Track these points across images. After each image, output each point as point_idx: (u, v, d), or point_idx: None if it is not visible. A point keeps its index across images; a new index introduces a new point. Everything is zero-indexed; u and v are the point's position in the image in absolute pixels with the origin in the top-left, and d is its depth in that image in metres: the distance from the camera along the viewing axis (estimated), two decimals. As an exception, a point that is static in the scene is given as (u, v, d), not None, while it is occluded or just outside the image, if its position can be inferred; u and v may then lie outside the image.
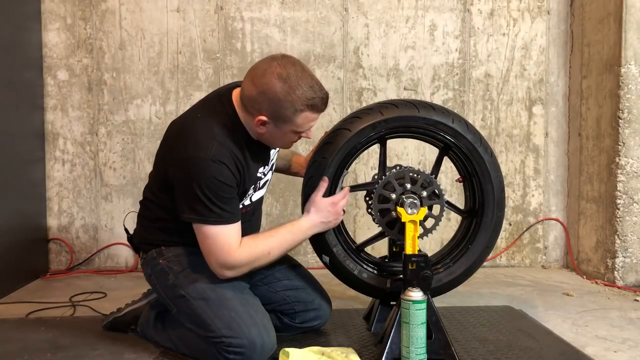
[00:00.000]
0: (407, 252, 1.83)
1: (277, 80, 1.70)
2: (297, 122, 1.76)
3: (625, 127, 2.80)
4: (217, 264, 1.78)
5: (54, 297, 2.59)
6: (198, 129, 1.77)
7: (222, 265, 1.78)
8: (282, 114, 1.73)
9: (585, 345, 2.00)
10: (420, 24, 3.21)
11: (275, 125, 1.77)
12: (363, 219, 3.20)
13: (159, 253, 1.89)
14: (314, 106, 1.74)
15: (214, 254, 1.77)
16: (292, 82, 1.70)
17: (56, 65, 3.11)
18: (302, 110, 1.73)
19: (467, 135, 1.99)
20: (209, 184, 1.71)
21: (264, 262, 1.85)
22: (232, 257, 1.77)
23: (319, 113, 1.79)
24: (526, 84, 3.26)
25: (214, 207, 1.72)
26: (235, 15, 3.15)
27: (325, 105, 1.79)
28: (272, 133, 1.80)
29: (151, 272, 1.91)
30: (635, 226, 2.82)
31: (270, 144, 1.89)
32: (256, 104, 1.74)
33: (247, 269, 1.83)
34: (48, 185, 3.14)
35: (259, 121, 1.76)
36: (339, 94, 3.19)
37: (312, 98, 1.73)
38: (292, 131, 1.79)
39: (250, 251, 1.81)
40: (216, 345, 1.73)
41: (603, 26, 2.94)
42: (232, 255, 1.77)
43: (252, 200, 1.96)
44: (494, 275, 3.07)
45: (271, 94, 1.71)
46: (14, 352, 1.90)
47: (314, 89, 1.73)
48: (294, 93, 1.70)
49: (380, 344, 1.86)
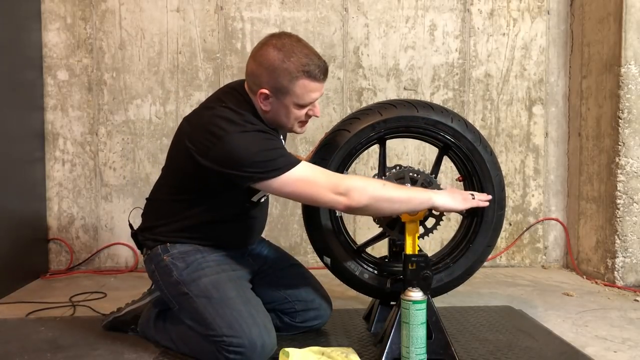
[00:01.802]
0: (407, 252, 1.83)
1: (273, 50, 1.74)
2: (297, 92, 1.75)
3: (625, 127, 2.80)
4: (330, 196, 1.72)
5: (54, 297, 2.59)
6: (224, 114, 1.76)
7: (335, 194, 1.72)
8: (280, 83, 1.74)
9: (585, 345, 2.00)
10: (420, 24, 3.21)
11: (277, 98, 1.77)
12: (363, 219, 3.20)
13: (164, 249, 1.89)
14: (310, 73, 1.74)
15: (322, 188, 1.72)
16: (287, 50, 1.73)
17: (56, 65, 3.11)
18: (298, 77, 1.73)
19: (466, 135, 1.99)
20: (259, 144, 1.70)
21: (380, 192, 1.75)
22: (339, 179, 1.74)
23: (318, 82, 1.77)
24: (526, 84, 3.26)
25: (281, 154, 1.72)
26: (235, 15, 3.15)
27: (323, 74, 1.78)
28: (276, 109, 1.80)
29: (155, 268, 1.90)
30: (635, 226, 2.82)
31: (280, 125, 1.86)
32: (256, 78, 1.77)
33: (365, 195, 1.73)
34: (48, 185, 3.14)
35: (261, 95, 1.77)
36: (339, 94, 3.19)
37: (307, 64, 1.73)
38: (295, 104, 1.78)
39: (360, 178, 1.81)
40: (216, 344, 1.73)
41: (603, 26, 2.94)
42: (337, 177, 1.75)
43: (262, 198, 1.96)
44: (494, 275, 3.08)
45: (267, 64, 1.74)
46: (14, 352, 1.90)
47: (310, 57, 1.75)
48: (288, 60, 1.72)
49: (380, 344, 1.86)
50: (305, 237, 2.84)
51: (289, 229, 3.22)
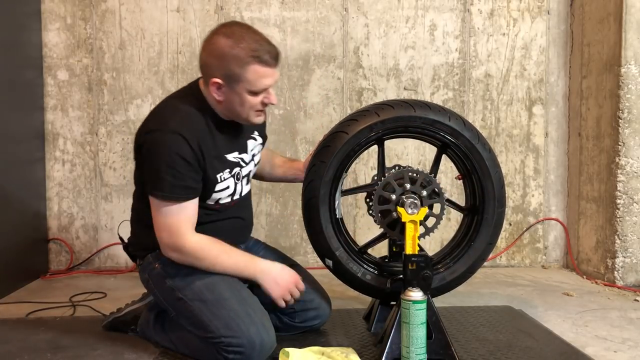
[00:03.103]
0: (407, 252, 1.84)
1: (222, 38, 1.75)
2: (248, 78, 1.75)
3: (625, 127, 2.80)
4: (165, 241, 1.79)
5: (54, 297, 2.59)
6: (164, 108, 1.84)
7: (168, 244, 1.78)
8: (231, 70, 1.74)
9: (585, 345, 2.00)
10: (420, 24, 3.21)
11: (230, 87, 1.77)
12: (363, 219, 3.20)
13: (154, 257, 1.89)
14: (259, 58, 1.73)
15: (165, 230, 1.78)
16: (236, 37, 1.74)
17: (56, 65, 3.11)
18: (248, 63, 1.73)
19: (464, 133, 1.99)
20: (167, 156, 1.73)
21: (206, 266, 1.81)
22: (181, 239, 1.77)
23: (269, 67, 1.76)
24: (526, 84, 3.26)
25: (169, 178, 1.73)
26: (235, 15, 3.14)
27: (274, 59, 1.77)
28: (230, 98, 1.79)
29: (148, 277, 1.91)
30: (635, 226, 2.82)
31: (236, 115, 1.85)
32: (208, 68, 1.79)
33: (190, 260, 1.80)
34: (48, 185, 3.14)
35: (214, 85, 1.78)
36: (339, 94, 3.19)
37: (256, 49, 1.73)
38: (248, 91, 1.77)
39: (202, 246, 1.80)
40: (216, 345, 1.73)
41: (603, 26, 2.94)
42: (181, 237, 1.77)
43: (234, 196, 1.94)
44: (494, 275, 3.07)
45: (217, 52, 1.75)
46: (14, 352, 1.90)
47: (260, 43, 1.75)
48: (238, 46, 1.73)
49: (380, 344, 1.86)
50: (305, 237, 2.84)
51: (289, 229, 3.22)
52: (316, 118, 3.18)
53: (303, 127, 3.19)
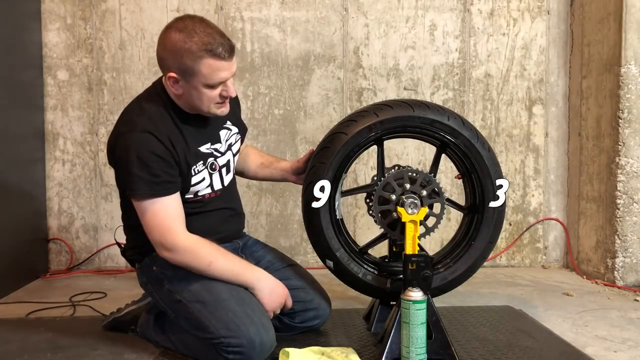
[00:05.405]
0: (408, 252, 1.83)
1: (175, 32, 1.75)
2: (203, 72, 1.74)
3: (625, 127, 2.80)
4: (157, 241, 1.78)
5: (54, 297, 2.59)
6: (130, 110, 1.86)
7: (161, 243, 1.77)
8: (185, 64, 1.74)
9: (585, 345, 2.00)
10: (420, 24, 3.21)
11: (186, 81, 1.77)
12: (363, 219, 3.20)
13: (151, 260, 1.89)
14: (213, 51, 1.73)
15: (155, 229, 1.77)
16: (189, 31, 1.73)
17: (56, 65, 3.11)
18: (201, 56, 1.72)
19: (463, 132, 1.99)
20: (138, 155, 1.74)
21: (201, 266, 1.79)
22: (173, 236, 1.76)
23: (224, 60, 1.75)
24: (526, 84, 3.26)
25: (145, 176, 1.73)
26: (235, 15, 3.15)
27: (228, 53, 1.76)
28: (188, 92, 1.79)
29: (147, 280, 1.91)
30: (635, 226, 2.82)
31: (196, 108, 1.84)
32: (164, 62, 1.79)
33: (185, 259, 1.78)
34: (48, 185, 3.14)
35: (170, 79, 1.78)
36: (339, 94, 3.19)
37: (209, 43, 1.72)
38: (204, 85, 1.76)
39: (196, 244, 1.79)
40: (215, 346, 1.73)
41: (603, 26, 2.94)
42: (172, 234, 1.76)
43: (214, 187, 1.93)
44: (494, 275, 3.07)
45: (170, 46, 1.75)
46: (14, 352, 1.90)
47: (212, 36, 1.74)
48: (190, 40, 1.72)
49: (380, 344, 1.86)
50: (305, 237, 2.84)
51: (289, 229, 3.22)
52: (316, 118, 3.18)
53: (303, 127, 3.19)
